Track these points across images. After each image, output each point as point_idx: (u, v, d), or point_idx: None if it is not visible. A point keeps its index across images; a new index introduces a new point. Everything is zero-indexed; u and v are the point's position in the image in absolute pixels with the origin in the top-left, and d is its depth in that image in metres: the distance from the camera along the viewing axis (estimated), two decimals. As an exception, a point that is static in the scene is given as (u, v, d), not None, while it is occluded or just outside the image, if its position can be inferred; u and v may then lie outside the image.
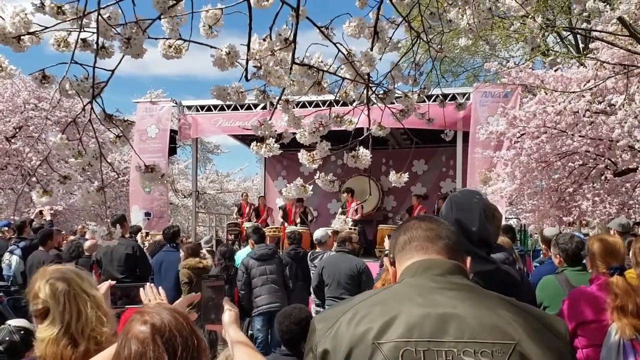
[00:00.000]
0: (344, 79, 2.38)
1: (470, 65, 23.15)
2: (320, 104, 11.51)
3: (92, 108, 1.82)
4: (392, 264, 1.60)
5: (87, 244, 8.62)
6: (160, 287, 2.46)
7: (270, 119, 2.31)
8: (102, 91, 1.82)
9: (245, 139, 16.79)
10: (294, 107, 2.43)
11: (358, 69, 2.29)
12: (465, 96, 11.31)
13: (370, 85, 2.47)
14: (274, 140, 2.45)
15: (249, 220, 14.50)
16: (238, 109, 13.27)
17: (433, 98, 4.64)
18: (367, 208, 13.80)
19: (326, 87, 2.32)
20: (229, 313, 1.96)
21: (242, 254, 8.34)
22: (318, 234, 8.18)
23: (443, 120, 3.74)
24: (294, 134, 2.57)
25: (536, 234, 11.37)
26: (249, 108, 13.16)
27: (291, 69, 2.12)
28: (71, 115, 15.76)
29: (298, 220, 13.91)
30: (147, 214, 13.54)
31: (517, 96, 11.11)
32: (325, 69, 2.26)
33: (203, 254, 9.55)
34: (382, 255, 9.17)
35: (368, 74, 2.41)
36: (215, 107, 13.57)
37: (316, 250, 8.08)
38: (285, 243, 10.99)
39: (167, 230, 8.30)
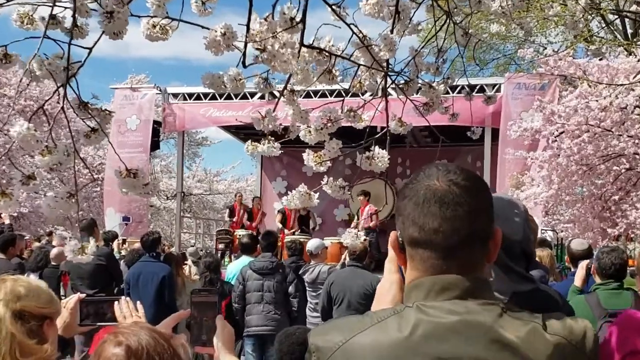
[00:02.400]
0: (358, 65, 2.36)
1: (501, 52, 23.08)
2: (327, 94, 11.50)
3: (65, 93, 1.79)
4: (402, 249, 1.49)
5: (53, 252, 8.62)
6: (138, 302, 2.45)
7: (274, 111, 2.27)
8: (77, 72, 1.80)
9: (239, 133, 16.82)
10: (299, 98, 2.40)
11: (376, 54, 2.27)
12: (495, 88, 11.31)
13: (389, 73, 2.44)
14: (272, 137, 2.42)
15: (242, 226, 14.50)
16: (232, 98, 13.26)
17: (457, 89, 4.62)
18: (380, 215, 13.79)
19: (338, 76, 2.30)
20: (222, 333, 1.95)
21: (234, 268, 8.30)
22: (312, 244, 8.23)
23: (469, 115, 3.74)
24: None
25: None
26: (244, 97, 13.17)
27: (299, 51, 2.09)
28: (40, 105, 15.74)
29: (297, 227, 13.88)
30: (126, 219, 13.57)
31: (555, 88, 11.08)
32: (337, 53, 2.23)
33: (188, 266, 9.55)
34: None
35: (387, 61, 2.38)
36: (205, 95, 13.60)
37: (309, 263, 8.06)
38: (284, 254, 10.98)
39: (145, 238, 8.25)
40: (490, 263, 1.48)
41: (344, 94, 3.11)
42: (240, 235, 13.19)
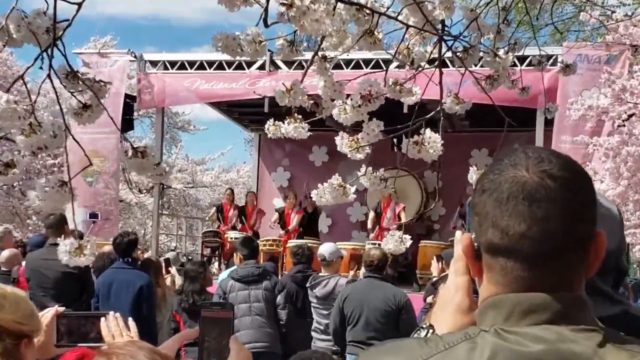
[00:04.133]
0: (407, 27, 2.32)
1: (558, 15, 22.91)
2: (363, 64, 11.36)
3: (50, 60, 1.75)
4: (478, 257, 1.46)
5: (4, 255, 8.62)
6: (130, 320, 2.46)
7: (302, 82, 2.26)
8: (64, 33, 1.78)
9: (233, 111, 16.78)
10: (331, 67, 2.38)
11: (429, 13, 2.24)
12: (552, 59, 11.22)
13: (444, 38, 2.41)
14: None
15: (234, 228, 14.47)
16: (224, 68, 13.26)
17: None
18: (407, 215, 13.77)
19: (381, 40, 2.27)
20: (237, 358, 1.94)
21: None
22: (326, 249, 8.15)
23: (537, 91, 3.71)
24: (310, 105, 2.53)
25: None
26: (239, 67, 13.15)
27: (335, 7, 2.06)
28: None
29: (297, 227, 13.81)
30: (93, 215, 13.61)
31: (625, 61, 11.01)
32: (381, 10, 2.21)
33: (171, 275, 9.58)
34: (428, 285, 9.09)
35: (443, 22, 2.36)
36: (191, 63, 13.58)
37: (320, 274, 8.01)
38: (287, 262, 10.94)
39: (119, 239, 8.18)
40: (590, 276, 1.42)
41: (383, 65, 3.08)
42: (233, 238, 13.22)
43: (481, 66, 2.91)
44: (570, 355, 1.28)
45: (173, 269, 9.88)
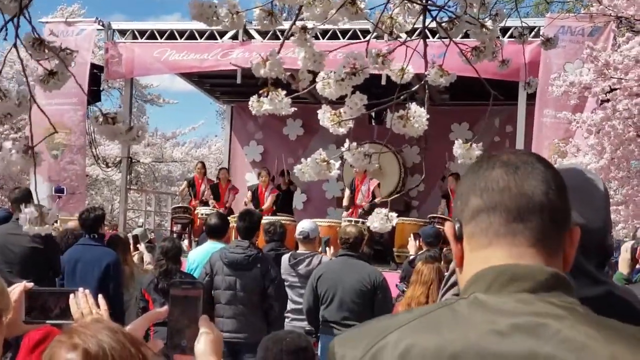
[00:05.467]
0: (390, -4, 2.31)
1: (541, -15, 22.95)
2: (340, 35, 11.33)
3: (17, 30, 1.75)
4: (459, 239, 1.53)
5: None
6: (100, 297, 2.46)
7: (278, 53, 2.25)
8: (31, 2, 1.77)
9: (204, 82, 16.71)
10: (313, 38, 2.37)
11: (414, -18, 2.22)
12: (534, 31, 11.25)
13: (429, 9, 2.40)
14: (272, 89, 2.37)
15: (205, 204, 14.41)
16: (195, 37, 13.21)
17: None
18: (383, 191, 13.79)
19: (364, 9, 2.25)
20: (205, 339, 1.93)
21: (197, 256, 8.24)
22: (307, 225, 8.11)
23: (518, 64, 3.74)
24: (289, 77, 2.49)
25: (627, 238, 11.42)
26: (211, 37, 13.10)
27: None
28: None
29: (271, 205, 13.81)
30: (59, 190, 13.48)
31: (609, 34, 11.08)
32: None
33: (139, 252, 9.53)
34: (405, 263, 9.13)
35: (427, -9, 2.34)
36: (161, 33, 13.51)
37: (300, 252, 7.97)
38: (260, 240, 10.90)
39: (85, 214, 8.12)
40: (566, 270, 1.49)
41: (361, 36, 3.08)
42: (203, 214, 13.19)
43: (463, 37, 2.92)
44: (539, 327, 1.31)
45: (141, 246, 9.83)
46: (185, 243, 13.80)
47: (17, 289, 2.39)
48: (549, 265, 1.42)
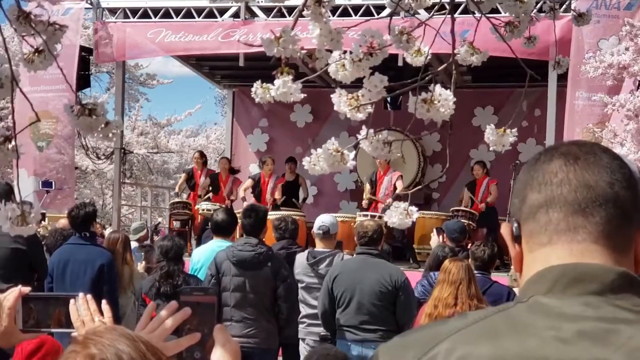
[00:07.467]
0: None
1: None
2: (352, 12, 11.18)
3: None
4: (516, 239, 1.54)
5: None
6: (104, 303, 2.42)
7: (292, 30, 2.20)
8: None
9: (202, 65, 16.77)
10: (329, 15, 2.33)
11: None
12: (564, 5, 11.08)
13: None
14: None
15: (208, 198, 14.25)
16: (192, 16, 13.17)
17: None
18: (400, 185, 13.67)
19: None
20: (222, 350, 1.95)
21: (202, 255, 8.18)
22: (327, 220, 7.92)
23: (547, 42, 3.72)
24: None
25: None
26: (210, 15, 13.05)
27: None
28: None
29: (279, 196, 13.64)
30: (46, 184, 13.47)
31: (650, 5, 10.92)
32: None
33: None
34: (429, 260, 8.95)
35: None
36: (155, 11, 13.45)
37: (319, 249, 7.82)
38: (268, 236, 10.76)
39: (75, 211, 8.13)
40: (638, 273, 1.47)
41: (374, 12, 2.97)
42: (204, 210, 13.09)
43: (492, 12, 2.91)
44: (608, 334, 1.31)
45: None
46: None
47: (11, 295, 2.38)
48: (617, 264, 1.42)
